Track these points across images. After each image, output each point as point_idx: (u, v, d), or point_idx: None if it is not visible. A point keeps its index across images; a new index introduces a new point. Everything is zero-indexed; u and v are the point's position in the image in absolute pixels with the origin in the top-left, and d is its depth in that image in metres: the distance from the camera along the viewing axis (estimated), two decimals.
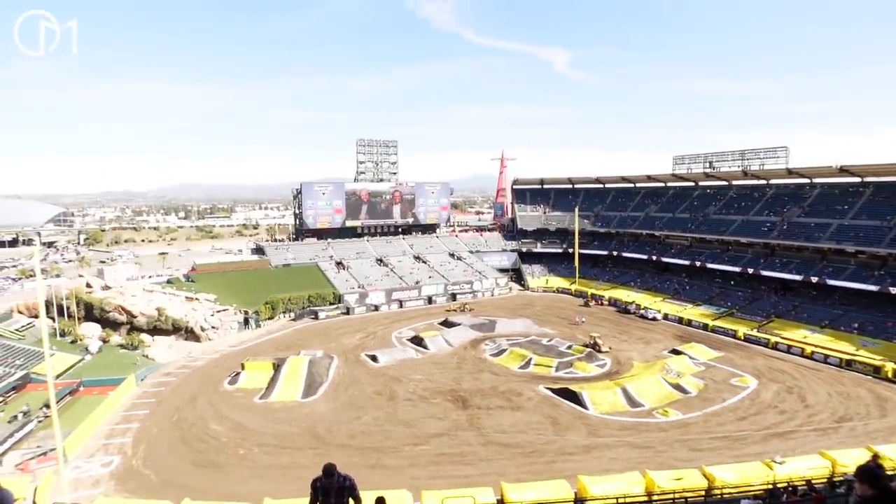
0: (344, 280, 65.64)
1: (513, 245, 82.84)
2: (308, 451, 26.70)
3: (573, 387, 34.11)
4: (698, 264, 63.04)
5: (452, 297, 67.21)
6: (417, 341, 47.38)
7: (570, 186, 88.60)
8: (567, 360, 41.12)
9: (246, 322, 53.65)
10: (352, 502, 7.23)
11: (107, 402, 31.92)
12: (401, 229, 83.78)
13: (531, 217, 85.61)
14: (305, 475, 7.02)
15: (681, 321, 53.98)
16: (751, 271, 57.25)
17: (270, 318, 56.54)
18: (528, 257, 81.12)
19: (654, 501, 19.04)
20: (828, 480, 17.74)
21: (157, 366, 41.72)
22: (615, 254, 75.02)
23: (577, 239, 72.94)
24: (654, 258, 69.56)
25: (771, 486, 18.09)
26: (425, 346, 45.85)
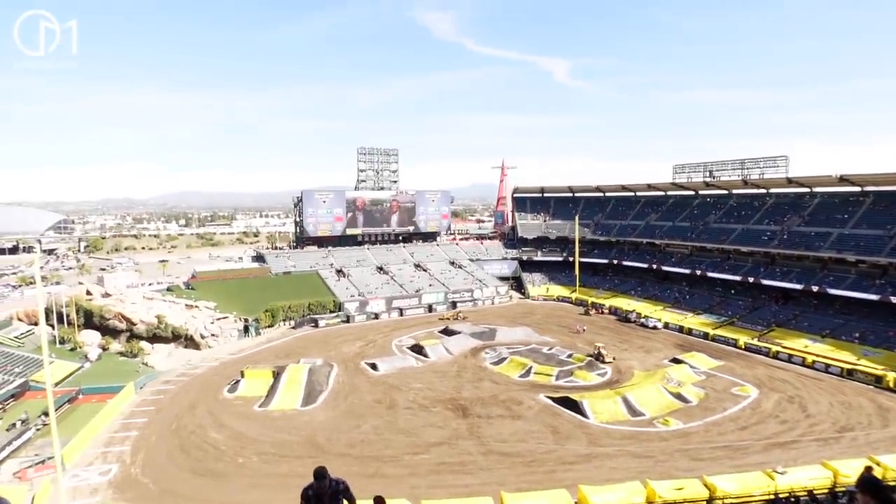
0: (344, 288, 65.66)
1: (513, 253, 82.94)
2: (307, 460, 26.53)
3: (574, 395, 34.01)
4: (699, 273, 63.07)
5: (453, 304, 67.16)
6: (417, 349, 47.30)
7: (570, 195, 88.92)
8: (567, 369, 41.03)
9: (246, 330, 53.61)
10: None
11: (106, 410, 31.84)
12: (401, 237, 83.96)
13: (531, 225, 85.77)
14: (304, 484, 6.99)
15: (681, 330, 53.89)
16: (751, 280, 57.25)
17: (270, 326, 56.48)
18: (528, 265, 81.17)
19: None
20: (830, 491, 17.64)
21: (157, 373, 41.64)
22: (615, 262, 75.09)
23: (577, 247, 73.02)
24: (655, 267, 69.61)
25: (772, 496, 18.01)
26: (425, 355, 45.77)
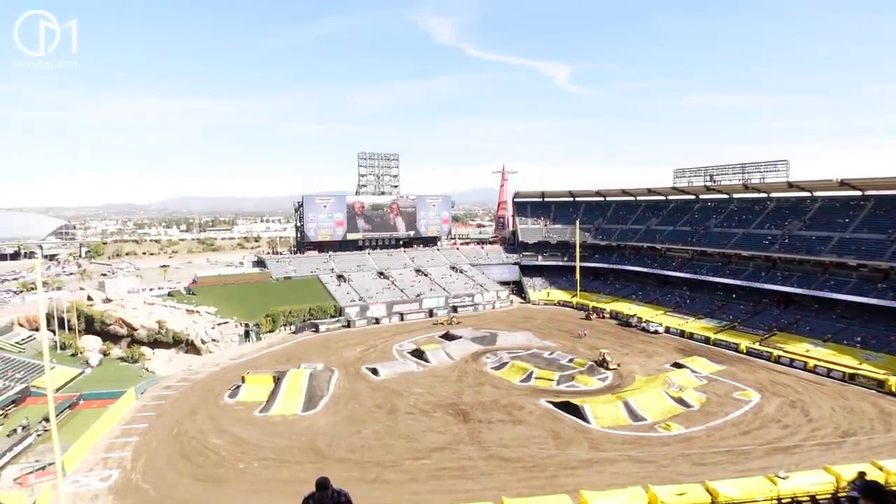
0: (345, 293, 65.65)
1: (514, 258, 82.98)
2: (308, 466, 26.50)
3: (575, 400, 33.95)
4: (700, 277, 63.05)
5: (454, 309, 67.12)
6: (418, 354, 47.25)
7: (570, 199, 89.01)
8: (568, 374, 40.95)
9: (246, 335, 53.59)
10: None
11: (106, 416, 31.82)
12: (402, 242, 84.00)
13: (532, 230, 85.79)
14: (304, 490, 6.97)
15: (682, 334, 53.81)
16: (752, 284, 57.19)
17: (271, 331, 56.47)
18: (529, 270, 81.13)
19: None
20: (832, 496, 17.58)
21: (157, 379, 41.63)
22: (616, 267, 75.07)
23: (578, 252, 73.03)
24: (656, 271, 69.58)
25: (775, 501, 17.96)
26: (426, 360, 45.72)
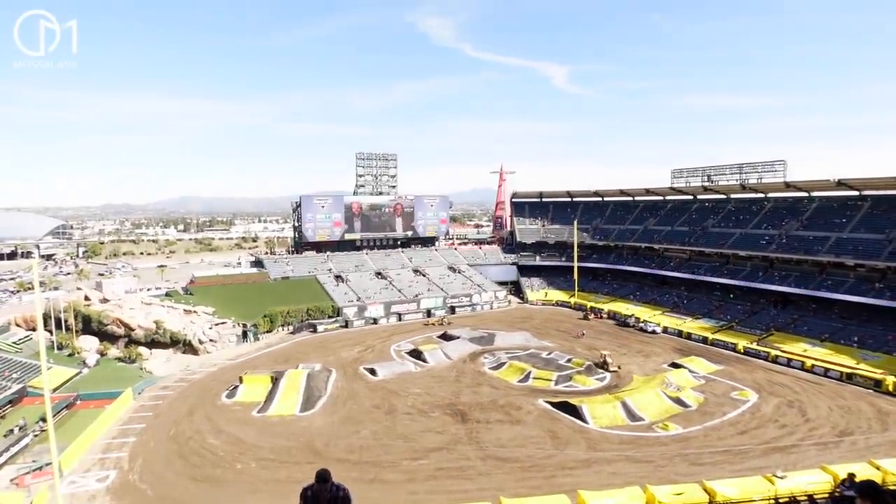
0: (343, 293, 65.59)
1: (512, 258, 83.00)
2: (306, 466, 26.43)
3: (573, 400, 33.97)
4: (697, 277, 63.17)
5: (451, 310, 67.11)
6: (416, 354, 47.22)
7: (568, 200, 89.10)
8: (566, 374, 40.97)
9: (244, 335, 53.50)
10: None
11: (103, 416, 31.72)
12: (400, 242, 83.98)
13: (530, 230, 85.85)
14: None
15: (680, 334, 53.89)
16: (750, 284, 57.33)
17: (269, 331, 56.38)
18: (527, 270, 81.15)
19: None
20: (829, 495, 17.61)
21: (155, 379, 41.52)
22: (614, 267, 75.16)
23: (576, 252, 73.09)
24: (653, 271, 69.68)
25: (772, 500, 18.00)
26: (424, 360, 45.69)
